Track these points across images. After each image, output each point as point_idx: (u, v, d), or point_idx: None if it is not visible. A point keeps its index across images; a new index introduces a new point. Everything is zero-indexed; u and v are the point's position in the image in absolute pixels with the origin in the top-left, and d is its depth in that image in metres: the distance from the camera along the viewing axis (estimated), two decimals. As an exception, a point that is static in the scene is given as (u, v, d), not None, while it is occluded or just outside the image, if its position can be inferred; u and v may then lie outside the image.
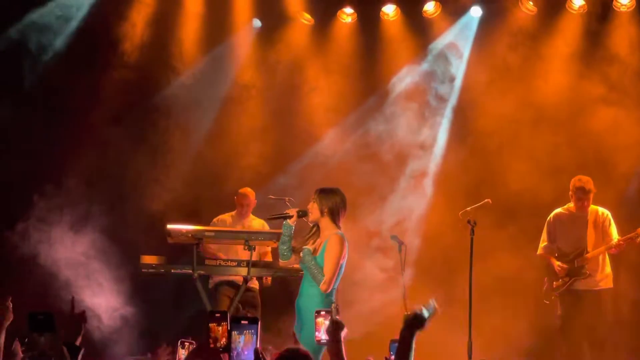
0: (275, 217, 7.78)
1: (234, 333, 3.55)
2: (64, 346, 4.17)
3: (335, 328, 4.50)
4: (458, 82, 11.72)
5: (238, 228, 10.04)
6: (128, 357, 10.12)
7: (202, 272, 9.16)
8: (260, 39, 12.00)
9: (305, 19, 11.96)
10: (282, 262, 7.67)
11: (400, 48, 11.84)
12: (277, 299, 10.26)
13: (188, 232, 9.06)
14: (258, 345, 3.63)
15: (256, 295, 10.15)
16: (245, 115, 11.87)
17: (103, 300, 10.29)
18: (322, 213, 7.38)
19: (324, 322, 4.88)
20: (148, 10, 11.54)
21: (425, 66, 11.78)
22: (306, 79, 11.94)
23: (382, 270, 10.38)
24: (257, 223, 10.31)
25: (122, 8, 11.40)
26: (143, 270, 9.11)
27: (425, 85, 11.74)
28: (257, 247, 9.38)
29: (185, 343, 5.01)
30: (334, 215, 7.37)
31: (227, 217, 10.42)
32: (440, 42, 11.78)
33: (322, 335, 4.84)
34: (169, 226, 9.08)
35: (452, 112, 11.73)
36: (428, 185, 11.52)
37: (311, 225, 7.53)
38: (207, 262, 9.33)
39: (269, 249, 10.10)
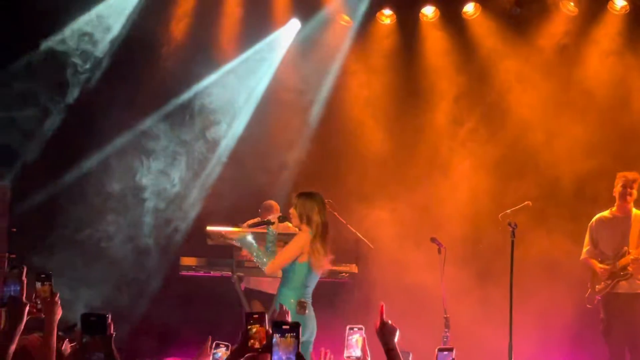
0: (257, 225, 7.93)
1: (276, 336, 3.55)
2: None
3: (389, 333, 4.40)
4: (496, 78, 11.70)
5: None
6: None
7: (241, 274, 9.19)
8: (300, 39, 11.99)
9: (344, 20, 11.95)
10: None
11: (440, 49, 11.82)
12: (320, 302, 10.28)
13: (227, 233, 9.08)
14: (299, 350, 3.63)
15: None
16: (287, 114, 11.87)
17: (144, 304, 10.40)
18: (300, 219, 7.60)
19: (359, 339, 4.79)
20: (186, 11, 11.59)
21: (463, 61, 11.77)
22: (345, 79, 11.93)
23: (423, 271, 10.35)
24: (283, 226, 10.14)
25: (161, 10, 11.46)
26: (182, 272, 9.15)
27: (463, 79, 11.72)
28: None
29: (220, 344, 5.01)
30: (310, 222, 7.56)
31: (255, 220, 10.30)
32: (479, 40, 11.75)
33: (354, 352, 4.72)
34: (209, 228, 9.11)
35: (490, 105, 11.71)
36: (467, 174, 11.48)
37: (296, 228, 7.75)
38: (246, 264, 9.34)
39: None
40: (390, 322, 4.48)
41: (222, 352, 4.94)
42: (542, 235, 10.57)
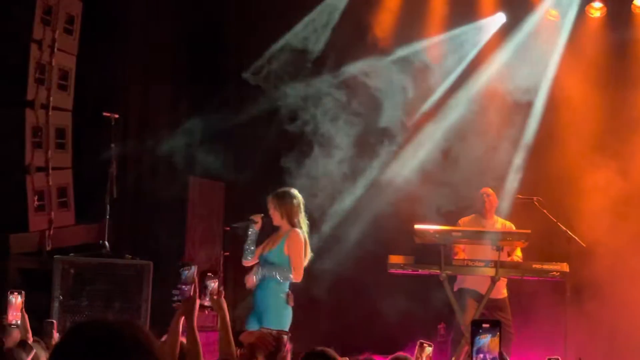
0: (241, 224, 8.14)
1: (477, 337, 3.54)
2: None
3: None
4: None
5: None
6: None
7: (449, 272, 9.16)
8: (506, 33, 11.86)
9: (552, 15, 11.72)
10: (245, 262, 8.12)
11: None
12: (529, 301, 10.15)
13: (435, 232, 9.08)
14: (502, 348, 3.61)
15: (505, 300, 9.90)
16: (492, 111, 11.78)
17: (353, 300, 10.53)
18: (282, 216, 8.06)
19: None
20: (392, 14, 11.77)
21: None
22: (557, 74, 11.68)
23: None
24: (500, 224, 9.97)
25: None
26: (391, 269, 9.22)
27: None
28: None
29: (425, 345, 5.05)
30: (290, 217, 8.04)
31: (467, 219, 10.06)
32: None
33: None
34: (417, 226, 9.14)
35: None
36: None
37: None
38: (454, 262, 9.31)
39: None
40: None
41: (426, 351, 5.01)
42: None
